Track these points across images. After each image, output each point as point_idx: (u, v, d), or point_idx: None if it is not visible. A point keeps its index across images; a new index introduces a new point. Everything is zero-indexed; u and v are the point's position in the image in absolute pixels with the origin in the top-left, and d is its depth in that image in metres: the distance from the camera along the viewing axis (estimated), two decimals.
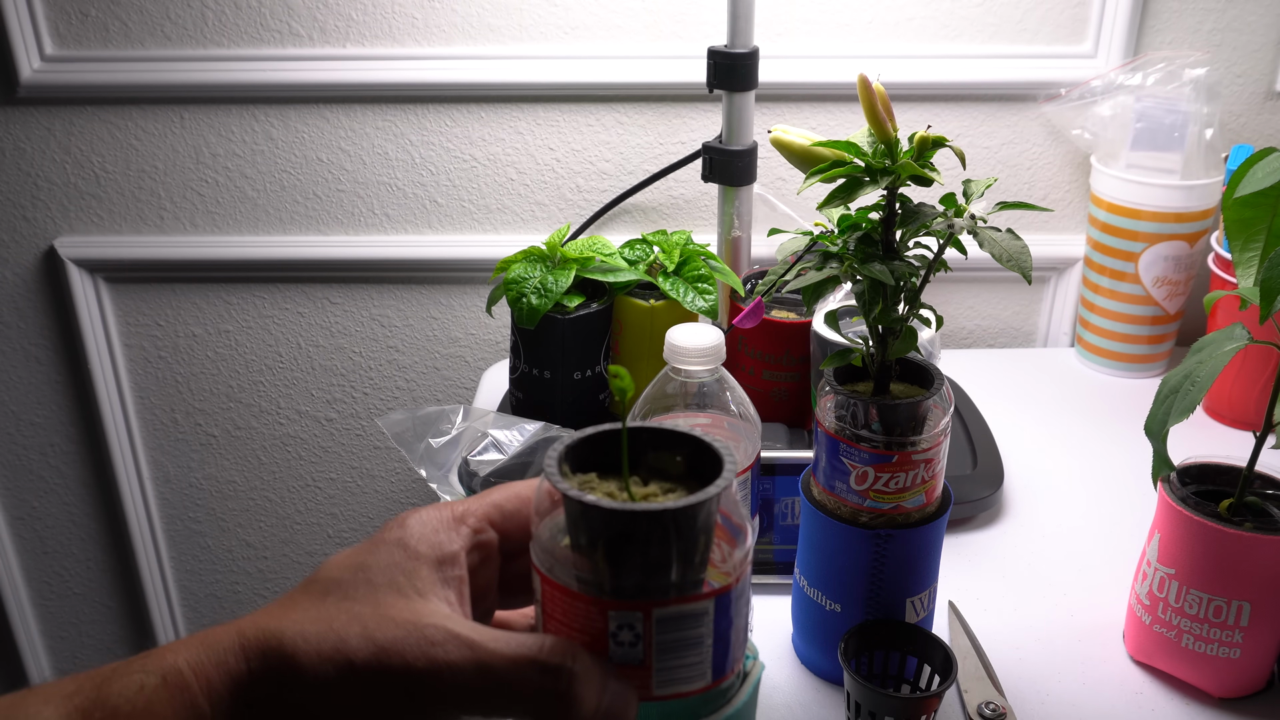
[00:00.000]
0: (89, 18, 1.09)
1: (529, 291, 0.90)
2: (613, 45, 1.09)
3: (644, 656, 0.40)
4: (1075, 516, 0.90)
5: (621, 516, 0.39)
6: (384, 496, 1.32)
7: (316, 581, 0.41)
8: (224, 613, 1.39)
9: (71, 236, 1.18)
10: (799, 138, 0.68)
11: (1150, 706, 0.70)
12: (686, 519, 0.39)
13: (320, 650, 0.38)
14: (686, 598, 0.40)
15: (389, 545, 0.42)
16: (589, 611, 0.40)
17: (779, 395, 0.94)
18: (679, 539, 0.39)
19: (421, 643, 0.38)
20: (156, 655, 0.38)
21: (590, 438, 0.43)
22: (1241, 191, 0.64)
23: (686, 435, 0.43)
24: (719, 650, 0.41)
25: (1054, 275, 1.18)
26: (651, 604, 0.39)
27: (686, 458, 0.43)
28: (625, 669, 0.40)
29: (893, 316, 0.63)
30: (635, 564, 0.39)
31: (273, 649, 0.38)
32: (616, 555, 0.39)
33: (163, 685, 0.37)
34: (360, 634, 0.38)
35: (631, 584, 0.39)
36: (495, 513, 0.44)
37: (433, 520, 0.43)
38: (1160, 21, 1.08)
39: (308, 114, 1.12)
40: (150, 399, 1.26)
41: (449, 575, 0.41)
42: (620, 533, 0.39)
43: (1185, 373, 0.66)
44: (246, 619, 0.40)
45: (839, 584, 0.68)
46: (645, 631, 0.40)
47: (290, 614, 0.40)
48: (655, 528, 0.39)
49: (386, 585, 0.40)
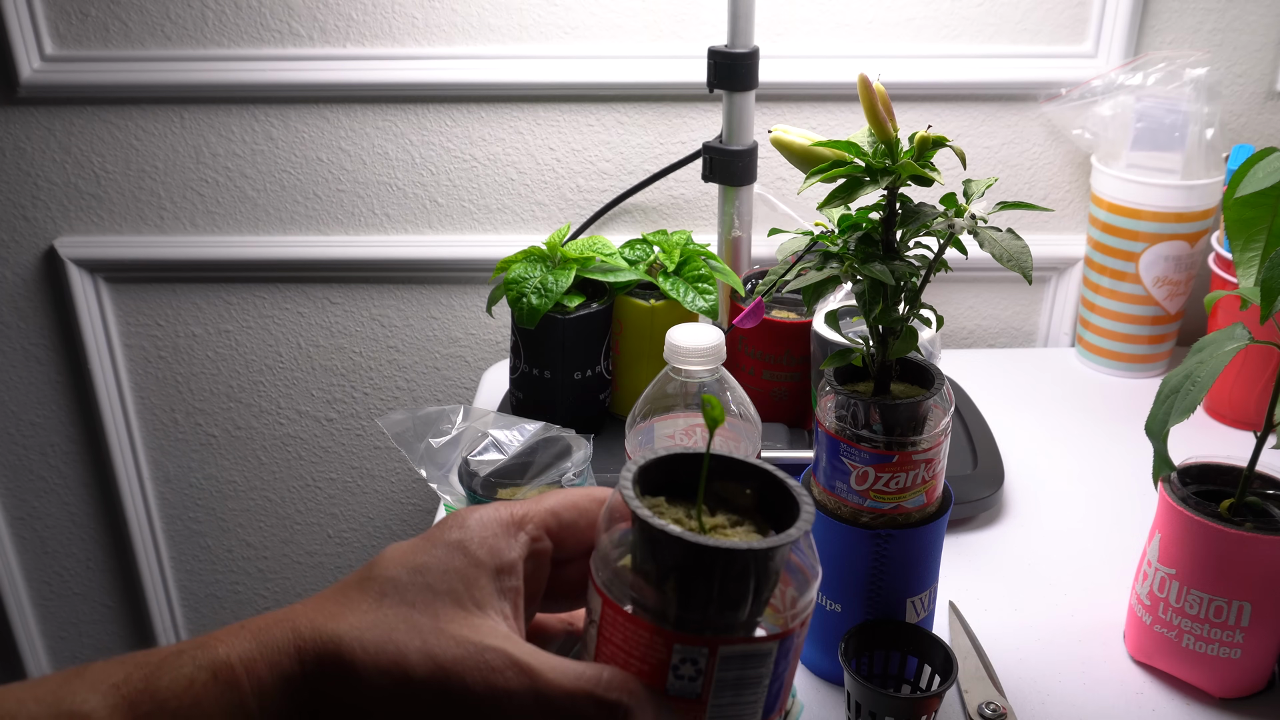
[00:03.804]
0: (89, 18, 1.09)
1: (529, 291, 0.90)
2: (613, 45, 1.09)
3: (701, 692, 0.39)
4: (1075, 516, 0.90)
5: (702, 552, 0.38)
6: (384, 496, 1.32)
7: (374, 580, 0.40)
8: (224, 612, 1.39)
9: (71, 236, 1.18)
10: (799, 138, 0.68)
11: (1150, 706, 0.70)
12: (766, 560, 0.38)
13: (379, 662, 0.38)
14: (754, 639, 0.39)
15: (449, 547, 0.41)
16: (652, 641, 0.39)
17: (779, 395, 0.94)
18: (755, 578, 0.38)
19: (481, 667, 0.38)
20: (209, 645, 0.38)
21: (664, 459, 0.42)
22: (1242, 191, 0.64)
23: (760, 469, 0.42)
24: (774, 691, 0.41)
25: (1054, 275, 1.18)
26: (719, 640, 0.39)
27: (756, 490, 0.42)
28: (679, 702, 0.39)
29: (893, 316, 0.63)
30: (708, 598, 0.38)
31: (329, 654, 0.38)
32: (690, 587, 0.38)
33: (213, 680, 0.37)
34: (420, 649, 0.38)
35: (699, 618, 0.39)
36: (552, 520, 0.44)
37: (492, 524, 0.42)
38: (1160, 21, 1.08)
39: (308, 114, 1.12)
40: (150, 399, 1.26)
41: (506, 586, 0.41)
42: (697, 566, 0.38)
43: (1186, 373, 0.66)
44: (302, 615, 0.39)
45: (839, 584, 0.68)
46: (708, 668, 0.39)
47: (348, 615, 0.39)
48: (735, 565, 0.38)
49: (446, 593, 0.40)
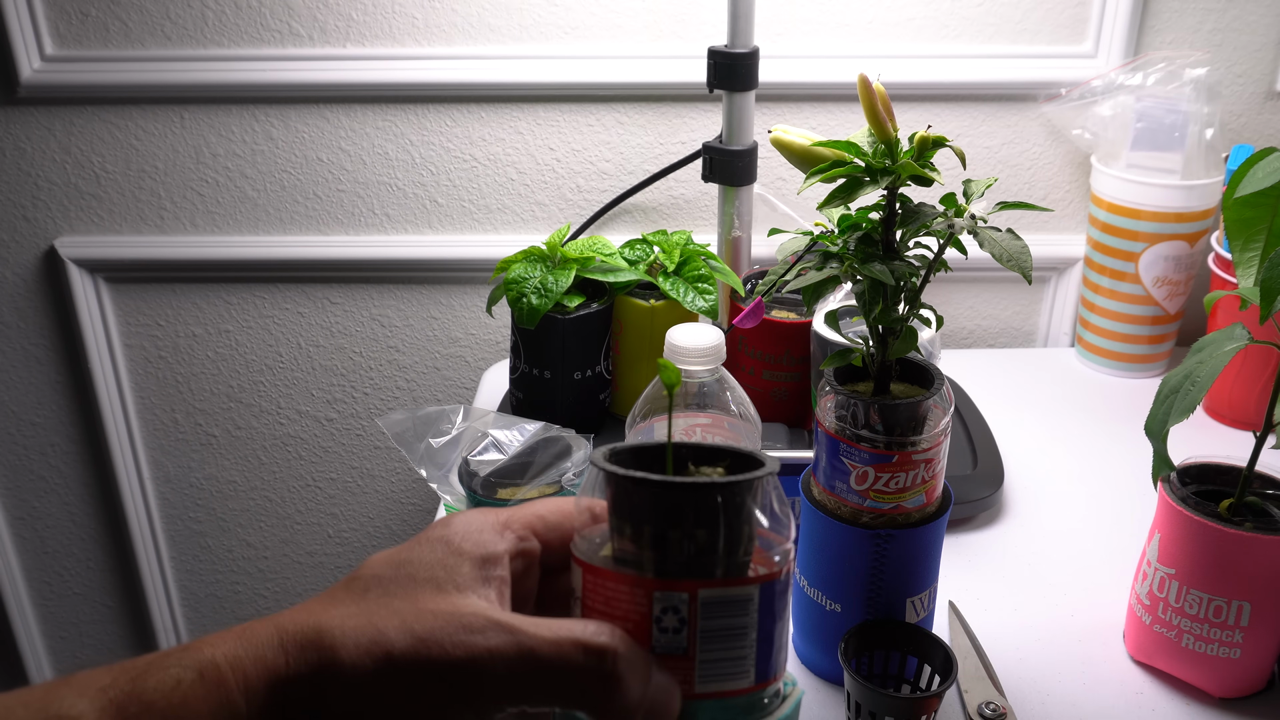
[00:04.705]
0: (89, 18, 1.09)
1: (529, 291, 0.90)
2: (613, 45, 1.09)
3: (688, 645, 0.40)
4: (1075, 516, 0.90)
5: (671, 489, 0.39)
6: (384, 496, 1.32)
7: (358, 579, 0.41)
8: (224, 612, 1.39)
9: (71, 236, 1.18)
10: (799, 138, 0.68)
11: (1150, 706, 0.70)
12: (734, 496, 0.39)
13: (359, 643, 0.38)
14: (732, 580, 0.40)
15: (432, 542, 0.42)
16: (632, 594, 0.39)
17: (779, 395, 0.94)
18: (726, 517, 0.39)
19: (460, 630, 0.38)
20: (195, 648, 0.38)
21: (635, 449, 0.43)
22: (1242, 191, 0.64)
23: (727, 449, 0.43)
24: (763, 649, 0.41)
25: (1054, 275, 1.18)
26: (698, 584, 0.39)
27: (727, 468, 0.43)
28: (669, 660, 0.40)
29: (893, 316, 0.63)
30: (682, 538, 0.39)
31: (312, 642, 0.38)
32: (664, 531, 0.39)
33: (199, 680, 0.37)
34: (399, 626, 0.38)
35: (677, 563, 0.39)
36: (539, 523, 0.44)
37: (478, 521, 0.43)
38: (1160, 21, 1.08)
39: (308, 114, 1.13)
40: (150, 399, 1.26)
41: (491, 575, 0.41)
42: (669, 506, 0.39)
43: (1185, 373, 0.66)
44: (286, 614, 0.40)
45: (839, 584, 0.68)
46: (690, 616, 0.39)
47: (331, 609, 0.40)
48: (704, 500, 0.39)
49: (427, 580, 0.40)
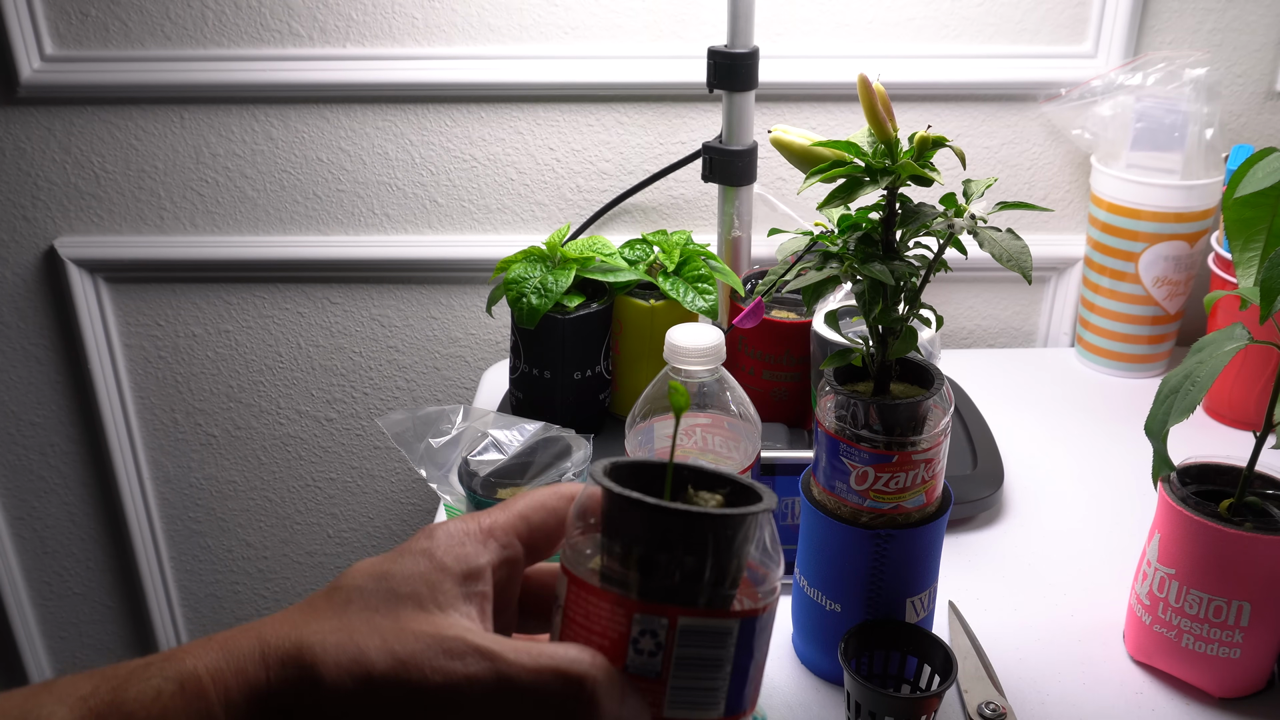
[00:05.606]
0: (89, 18, 1.09)
1: (529, 291, 0.90)
2: (613, 45, 1.09)
3: (661, 669, 0.39)
4: (1075, 516, 0.90)
5: (665, 514, 0.39)
6: (384, 496, 1.32)
7: (340, 589, 0.41)
8: (224, 613, 1.39)
9: (71, 236, 1.18)
10: (799, 138, 0.68)
11: (1150, 706, 0.70)
12: (727, 529, 0.39)
13: (339, 661, 0.38)
14: (714, 612, 0.39)
15: (415, 555, 0.41)
16: (613, 613, 0.39)
17: (779, 395, 0.94)
18: (716, 548, 0.39)
19: (440, 655, 0.38)
20: (176, 658, 0.38)
21: (634, 464, 0.43)
22: (1242, 191, 0.64)
23: (727, 476, 0.43)
24: (736, 682, 0.41)
25: (1054, 275, 1.18)
26: (679, 611, 0.39)
27: (726, 497, 0.43)
28: (641, 681, 0.40)
29: (893, 316, 0.63)
30: (670, 564, 0.39)
31: (293, 657, 0.38)
32: (652, 553, 0.39)
33: (179, 692, 0.37)
34: (380, 646, 0.38)
35: (661, 587, 0.39)
36: (522, 525, 0.44)
37: (460, 533, 0.42)
38: (1160, 21, 1.08)
39: (308, 114, 1.12)
40: (150, 399, 1.26)
41: (473, 591, 0.41)
42: (660, 530, 0.39)
43: (1185, 373, 0.66)
44: (268, 624, 0.39)
45: (839, 584, 0.68)
46: (668, 641, 0.39)
47: (312, 622, 0.39)
48: (696, 529, 0.39)
49: (409, 596, 0.40)
